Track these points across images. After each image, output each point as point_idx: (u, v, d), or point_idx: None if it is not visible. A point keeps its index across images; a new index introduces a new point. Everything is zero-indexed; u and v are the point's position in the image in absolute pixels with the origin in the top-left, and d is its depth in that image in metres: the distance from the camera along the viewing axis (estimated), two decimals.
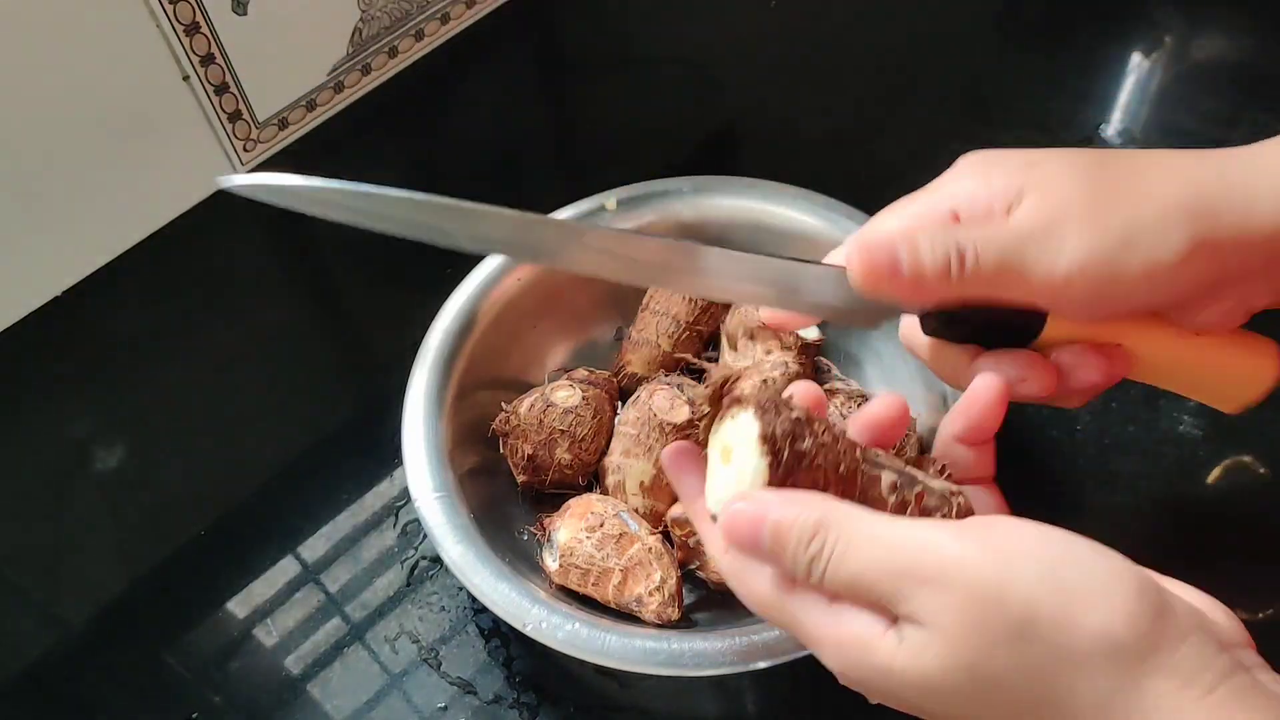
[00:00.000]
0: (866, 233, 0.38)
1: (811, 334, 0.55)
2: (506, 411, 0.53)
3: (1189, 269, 0.35)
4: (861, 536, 0.31)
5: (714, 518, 0.35)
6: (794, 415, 0.33)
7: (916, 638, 0.30)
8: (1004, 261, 0.36)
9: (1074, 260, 0.35)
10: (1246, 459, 0.54)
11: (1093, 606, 0.29)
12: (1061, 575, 0.29)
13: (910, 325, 0.41)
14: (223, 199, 0.70)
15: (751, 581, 0.34)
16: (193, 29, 0.63)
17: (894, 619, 0.31)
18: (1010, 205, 0.36)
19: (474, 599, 0.48)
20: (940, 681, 0.30)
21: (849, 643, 0.32)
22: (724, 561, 0.36)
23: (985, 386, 0.37)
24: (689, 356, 0.55)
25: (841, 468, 0.33)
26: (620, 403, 0.55)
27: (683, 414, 0.51)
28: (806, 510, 0.32)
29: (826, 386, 0.55)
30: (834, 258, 0.41)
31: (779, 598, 0.34)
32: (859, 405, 0.52)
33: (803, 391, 0.38)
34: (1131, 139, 0.70)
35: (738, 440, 0.34)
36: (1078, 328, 0.38)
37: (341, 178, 0.37)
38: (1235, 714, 0.27)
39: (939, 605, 0.30)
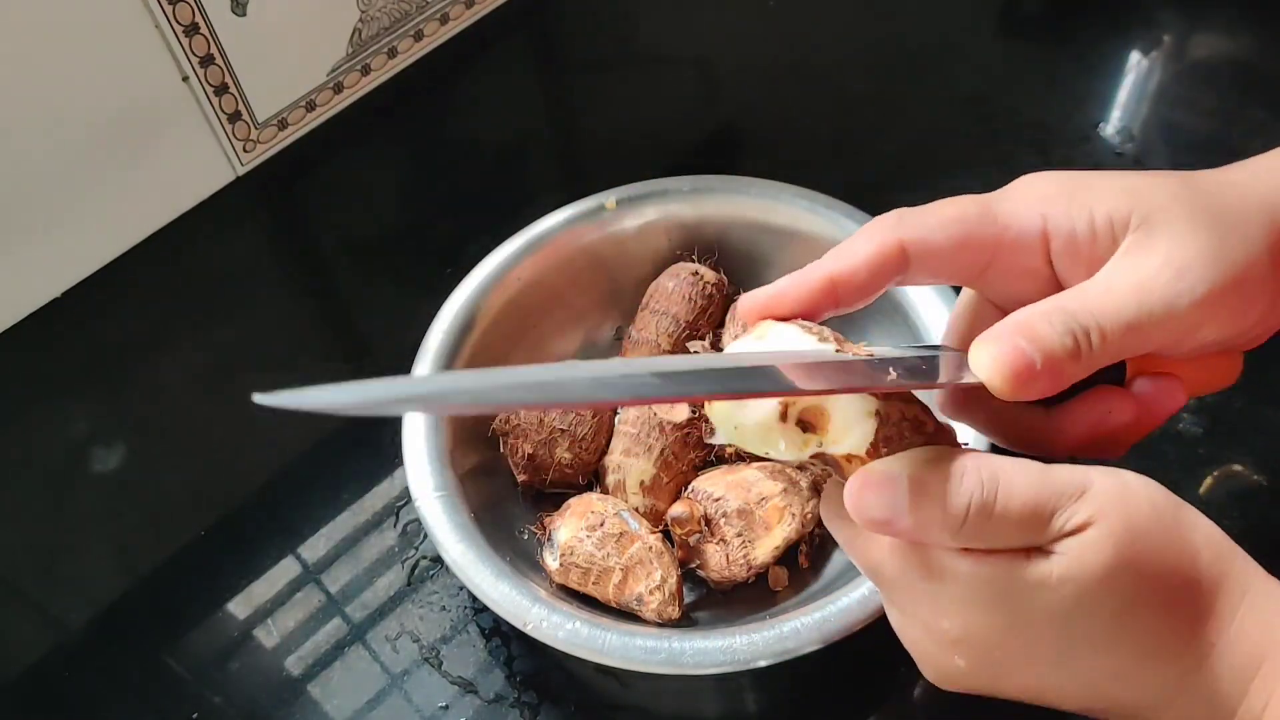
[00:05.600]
0: (971, 317, 0.37)
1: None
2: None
3: None
4: (1006, 471, 0.31)
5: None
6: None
7: (1080, 542, 0.31)
8: (1132, 324, 0.33)
9: (1207, 302, 0.33)
10: (1247, 458, 0.54)
11: (1185, 506, 0.32)
12: (1151, 483, 0.32)
13: (957, 398, 0.38)
14: (223, 199, 0.71)
15: (871, 545, 0.34)
16: (192, 30, 0.63)
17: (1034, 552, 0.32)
18: (1116, 235, 0.34)
19: (475, 598, 0.48)
20: (1103, 582, 0.31)
21: (997, 575, 0.32)
22: (838, 527, 0.35)
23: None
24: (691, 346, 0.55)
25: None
26: None
27: (683, 412, 0.51)
28: (936, 459, 0.32)
29: None
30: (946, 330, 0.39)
31: (903, 555, 0.33)
32: None
33: None
34: (1130, 138, 0.70)
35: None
36: (1145, 363, 0.37)
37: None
38: None
39: (1097, 507, 0.31)
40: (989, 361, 0.32)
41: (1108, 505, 0.31)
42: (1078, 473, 0.32)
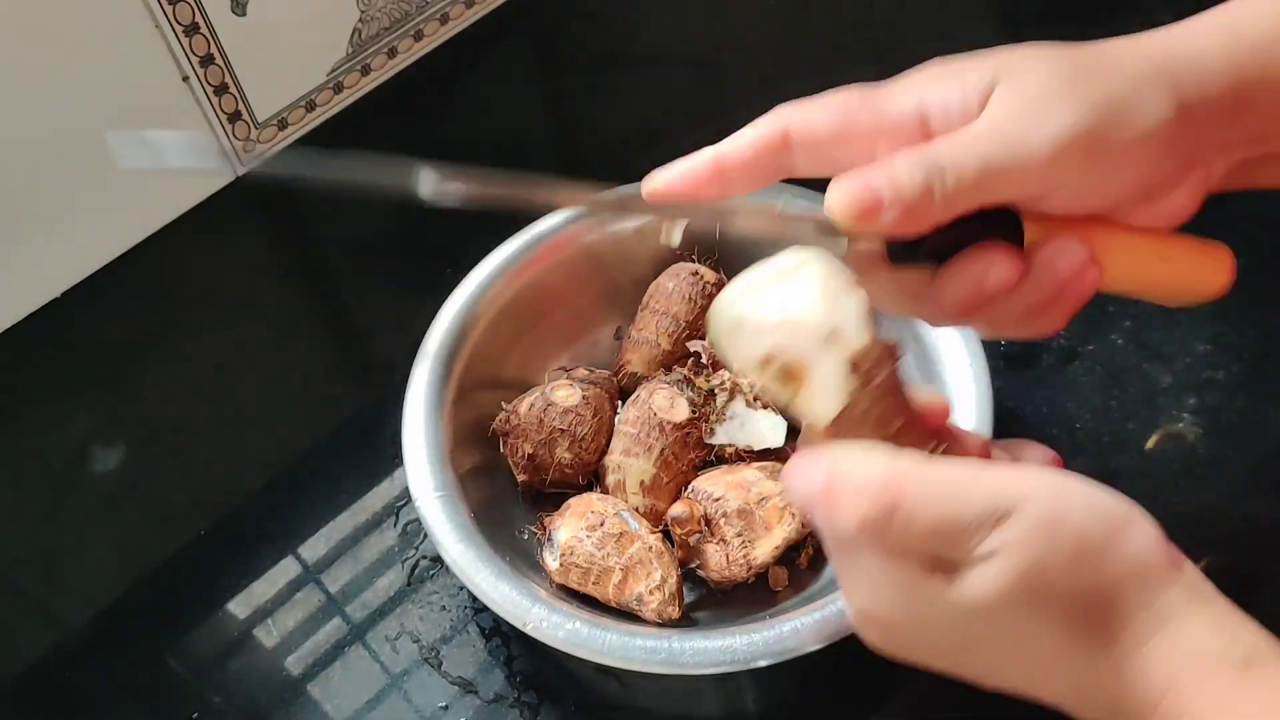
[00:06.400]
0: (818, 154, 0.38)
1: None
2: (506, 411, 0.53)
3: (1173, 137, 0.35)
4: (913, 497, 0.32)
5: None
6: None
7: (980, 572, 0.32)
8: (985, 163, 0.34)
9: (1058, 137, 0.33)
10: (1247, 458, 0.54)
11: (1128, 534, 0.32)
12: (1099, 507, 0.33)
13: (857, 265, 0.39)
14: (222, 199, 0.71)
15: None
16: (192, 29, 0.63)
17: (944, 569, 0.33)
18: (984, 97, 0.35)
19: (474, 598, 0.48)
20: (994, 609, 0.32)
21: (901, 578, 0.33)
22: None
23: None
24: (692, 346, 0.55)
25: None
26: (620, 402, 0.55)
27: (683, 412, 0.51)
28: (862, 463, 0.33)
29: None
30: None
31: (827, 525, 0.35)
32: None
33: None
34: None
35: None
36: (1054, 229, 0.36)
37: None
38: (1224, 618, 0.32)
39: (1007, 540, 0.32)
40: (838, 196, 0.34)
41: (1022, 536, 0.32)
42: (1010, 489, 0.32)
